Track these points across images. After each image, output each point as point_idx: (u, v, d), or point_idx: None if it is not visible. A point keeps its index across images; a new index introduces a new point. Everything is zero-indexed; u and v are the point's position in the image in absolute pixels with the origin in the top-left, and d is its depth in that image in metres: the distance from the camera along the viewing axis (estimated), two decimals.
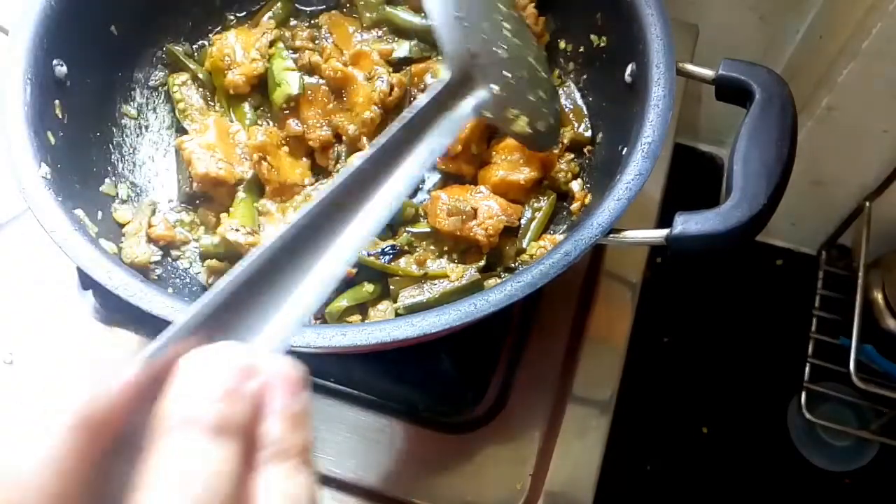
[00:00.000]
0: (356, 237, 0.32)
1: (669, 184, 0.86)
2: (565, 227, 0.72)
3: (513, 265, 0.71)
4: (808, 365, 1.21)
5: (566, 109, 0.77)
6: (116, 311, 0.78)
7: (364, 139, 0.75)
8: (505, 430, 0.73)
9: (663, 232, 0.56)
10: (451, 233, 0.69)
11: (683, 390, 1.35)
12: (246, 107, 0.78)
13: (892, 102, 0.97)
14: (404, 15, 0.80)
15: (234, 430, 0.25)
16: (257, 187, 0.74)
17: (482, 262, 0.70)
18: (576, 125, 0.76)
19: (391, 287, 0.69)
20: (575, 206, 0.72)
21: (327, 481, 0.70)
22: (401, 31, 0.81)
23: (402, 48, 0.80)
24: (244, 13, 0.84)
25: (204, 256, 0.71)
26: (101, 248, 0.58)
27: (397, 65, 0.80)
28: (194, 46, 0.82)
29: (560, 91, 0.77)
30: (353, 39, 0.81)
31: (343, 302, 0.68)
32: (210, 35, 0.82)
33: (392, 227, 0.73)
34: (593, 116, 0.76)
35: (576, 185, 0.74)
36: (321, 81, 0.76)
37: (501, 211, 0.70)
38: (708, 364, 1.35)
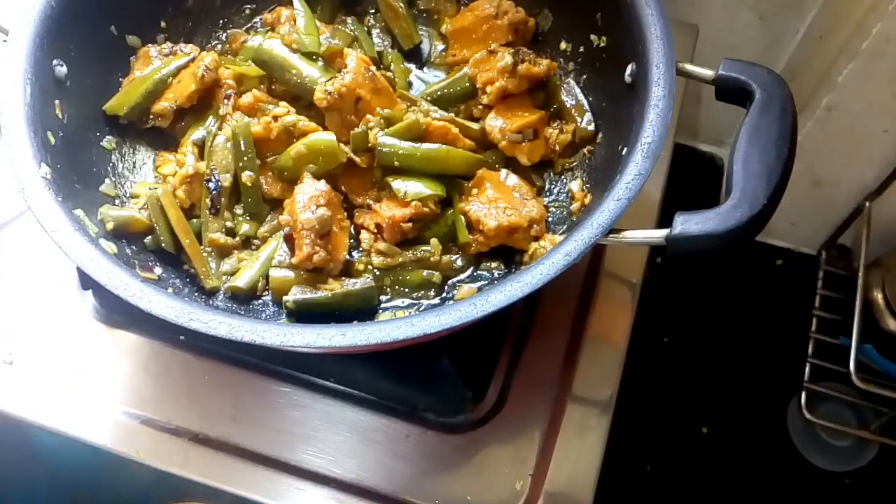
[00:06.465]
0: None
1: (669, 184, 0.86)
2: (565, 227, 0.72)
3: (517, 259, 0.71)
4: (808, 365, 1.21)
5: (567, 106, 0.76)
6: (116, 311, 0.78)
7: None
8: (505, 430, 0.73)
9: (663, 232, 0.56)
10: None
11: (683, 390, 1.35)
12: None
13: (892, 102, 0.97)
14: None
15: None
16: None
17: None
18: (579, 120, 0.75)
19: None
20: (575, 206, 0.72)
21: (327, 481, 0.71)
22: None
23: None
24: (245, 12, 0.84)
25: None
26: (101, 248, 0.58)
27: None
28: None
29: (561, 88, 0.77)
30: None
31: None
32: (209, 34, 0.83)
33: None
34: (593, 116, 0.76)
35: (576, 185, 0.74)
36: None
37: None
38: (708, 364, 1.35)
